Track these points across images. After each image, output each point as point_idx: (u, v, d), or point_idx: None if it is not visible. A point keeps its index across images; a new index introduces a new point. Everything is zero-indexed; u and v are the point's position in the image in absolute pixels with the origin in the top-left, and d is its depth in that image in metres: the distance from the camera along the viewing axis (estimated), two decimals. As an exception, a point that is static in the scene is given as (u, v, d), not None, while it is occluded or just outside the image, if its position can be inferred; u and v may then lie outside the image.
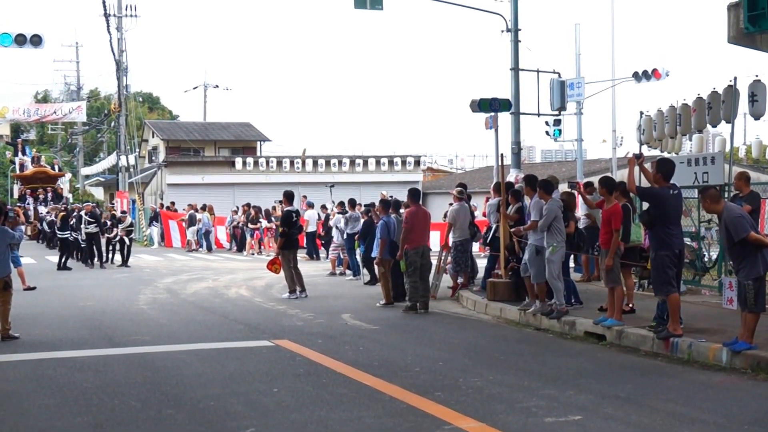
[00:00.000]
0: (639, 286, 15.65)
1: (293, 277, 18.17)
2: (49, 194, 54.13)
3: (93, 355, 11.46)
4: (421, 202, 16.69)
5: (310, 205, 29.94)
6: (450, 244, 17.54)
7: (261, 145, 59.94)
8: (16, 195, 57.58)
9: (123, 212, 31.29)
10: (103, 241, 28.55)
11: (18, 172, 57.37)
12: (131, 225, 30.37)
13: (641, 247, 13.28)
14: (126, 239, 28.58)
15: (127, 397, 8.84)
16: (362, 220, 21.07)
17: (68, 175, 65.08)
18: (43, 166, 57.00)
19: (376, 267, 17.60)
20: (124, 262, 28.24)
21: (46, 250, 38.72)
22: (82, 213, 28.14)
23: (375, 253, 17.74)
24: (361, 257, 21.14)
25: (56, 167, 59.31)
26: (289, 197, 18.96)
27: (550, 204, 13.20)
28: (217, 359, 11.00)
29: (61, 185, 57.66)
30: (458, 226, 17.35)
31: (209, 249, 35.83)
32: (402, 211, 16.60)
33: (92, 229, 27.45)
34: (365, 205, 20.87)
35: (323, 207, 30.41)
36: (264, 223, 33.00)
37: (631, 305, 13.19)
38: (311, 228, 29.36)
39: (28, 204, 51.68)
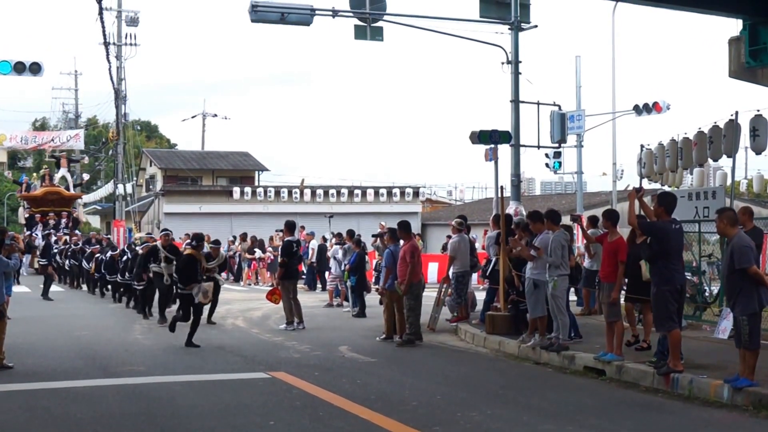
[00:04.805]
0: (639, 320, 15.54)
1: (292, 308, 18.05)
2: (63, 220, 44.34)
3: (88, 385, 11.35)
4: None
5: (313, 235, 29.88)
6: (450, 276, 17.43)
7: (259, 174, 60.06)
8: (22, 220, 47.61)
9: (215, 242, 20.48)
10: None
11: (24, 192, 47.17)
12: (225, 260, 22.19)
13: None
14: (221, 280, 20.31)
15: (122, 429, 8.73)
16: (355, 252, 20.99)
17: None
18: (55, 185, 46.36)
19: (380, 298, 17.42)
20: (210, 315, 18.96)
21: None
22: (157, 245, 19.91)
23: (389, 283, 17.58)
24: (351, 289, 21.04)
25: (71, 188, 47.91)
26: (290, 227, 18.87)
27: (556, 235, 13.11)
28: (212, 391, 10.89)
29: (75, 209, 47.20)
30: (459, 258, 17.27)
31: (206, 279, 35.52)
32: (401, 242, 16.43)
33: (167, 269, 19.01)
34: (373, 235, 20.77)
35: (323, 238, 30.32)
36: (258, 253, 32.89)
37: (641, 339, 13.13)
38: (315, 259, 29.21)
39: (36, 233, 42.23)
